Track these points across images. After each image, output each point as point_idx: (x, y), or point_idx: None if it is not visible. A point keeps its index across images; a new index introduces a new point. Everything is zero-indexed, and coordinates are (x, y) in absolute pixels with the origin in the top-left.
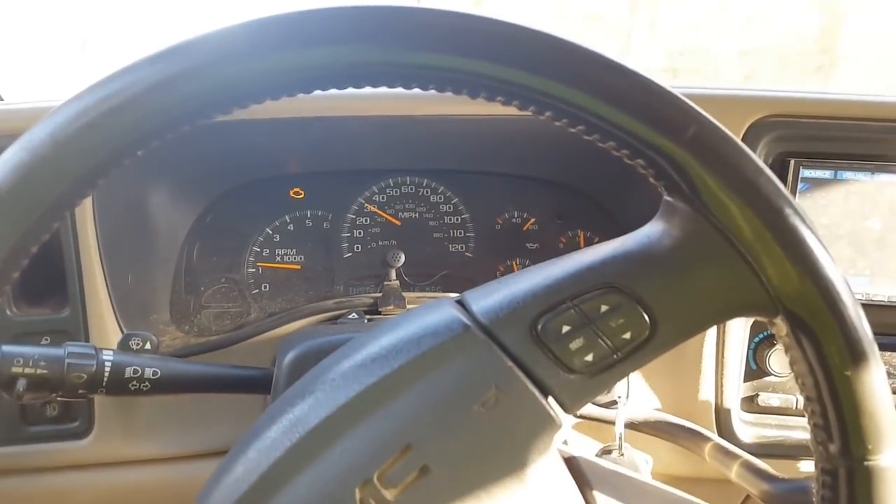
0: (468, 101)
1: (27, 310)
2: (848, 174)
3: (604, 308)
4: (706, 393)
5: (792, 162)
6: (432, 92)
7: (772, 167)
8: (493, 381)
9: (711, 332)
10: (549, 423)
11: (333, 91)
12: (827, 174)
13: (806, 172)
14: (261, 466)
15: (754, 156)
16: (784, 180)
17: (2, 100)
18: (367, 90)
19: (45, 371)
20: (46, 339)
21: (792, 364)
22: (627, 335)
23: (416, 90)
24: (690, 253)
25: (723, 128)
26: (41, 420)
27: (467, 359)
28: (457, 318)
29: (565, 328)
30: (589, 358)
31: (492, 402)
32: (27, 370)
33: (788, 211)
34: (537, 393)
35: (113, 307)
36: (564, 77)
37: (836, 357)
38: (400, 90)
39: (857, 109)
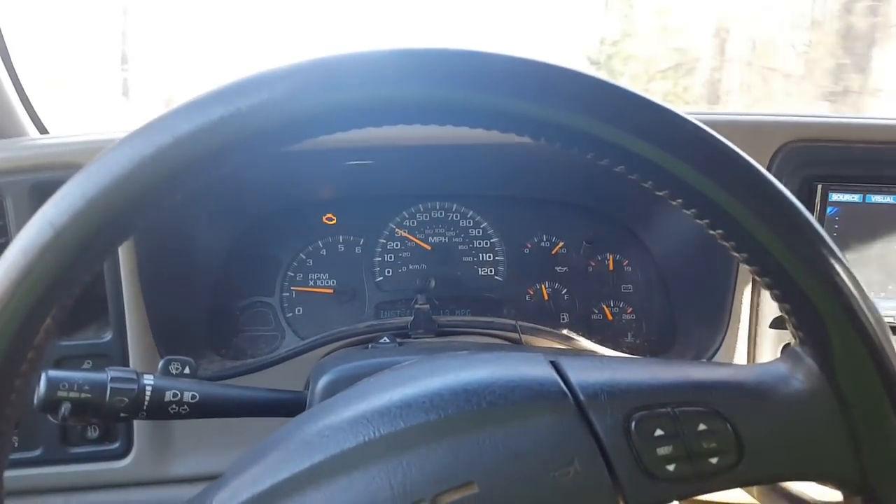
0: None
1: (70, 334)
2: (877, 197)
3: (701, 427)
4: None
5: (819, 186)
6: None
7: (799, 192)
8: (576, 457)
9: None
10: None
11: None
12: (855, 198)
13: (834, 196)
14: (328, 449)
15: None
16: (812, 205)
17: (48, 133)
18: None
19: (89, 395)
20: (88, 363)
21: None
22: (714, 460)
23: None
24: (803, 409)
25: (874, 306)
26: (82, 441)
27: (557, 426)
28: (556, 382)
29: (658, 432)
30: (670, 468)
31: (567, 475)
32: (72, 394)
33: None
34: (612, 484)
35: (152, 332)
36: (760, 211)
37: None
38: None
39: (883, 133)
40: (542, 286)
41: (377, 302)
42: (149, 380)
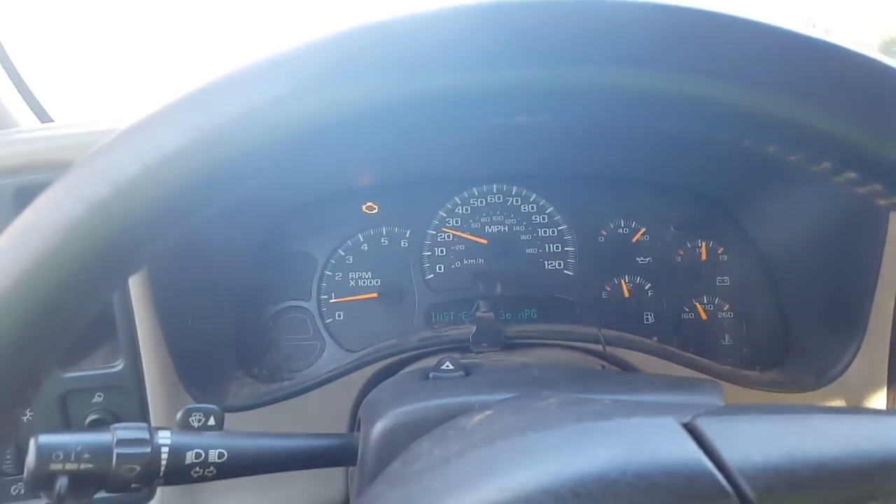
0: None
1: (75, 363)
2: None
3: None
4: None
5: None
6: None
7: None
8: None
9: None
10: None
11: None
12: None
13: None
14: None
15: None
16: None
17: (52, 122)
18: None
19: (90, 465)
20: (99, 396)
21: None
22: None
23: None
24: None
25: None
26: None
27: None
28: (710, 474)
29: None
30: None
31: None
32: (69, 466)
33: None
34: None
35: (170, 356)
36: None
37: None
38: None
39: None
40: (621, 281)
41: (428, 304)
42: (164, 438)
